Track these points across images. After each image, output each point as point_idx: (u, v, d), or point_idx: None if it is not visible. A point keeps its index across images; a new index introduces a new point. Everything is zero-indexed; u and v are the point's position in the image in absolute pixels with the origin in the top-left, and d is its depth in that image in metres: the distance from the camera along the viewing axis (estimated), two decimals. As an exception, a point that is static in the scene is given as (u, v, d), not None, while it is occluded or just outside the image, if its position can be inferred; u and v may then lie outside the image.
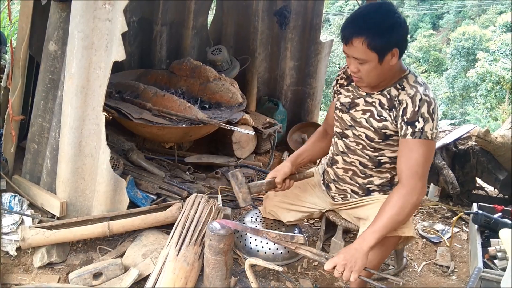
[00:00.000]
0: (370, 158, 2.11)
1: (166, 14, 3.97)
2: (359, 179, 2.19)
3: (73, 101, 2.32)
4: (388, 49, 1.85)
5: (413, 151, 1.89)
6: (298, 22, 4.29)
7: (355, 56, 1.88)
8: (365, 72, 1.91)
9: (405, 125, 1.90)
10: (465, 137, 3.49)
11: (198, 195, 2.44)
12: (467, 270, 2.60)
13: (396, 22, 1.85)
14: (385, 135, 2.02)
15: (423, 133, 1.87)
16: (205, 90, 3.57)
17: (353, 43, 1.84)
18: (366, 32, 1.81)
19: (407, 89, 1.94)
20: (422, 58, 24.53)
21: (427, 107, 1.87)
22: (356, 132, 2.10)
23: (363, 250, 1.82)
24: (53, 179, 2.50)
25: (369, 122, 2.04)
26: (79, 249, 2.38)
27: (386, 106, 1.99)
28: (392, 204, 1.88)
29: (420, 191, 1.89)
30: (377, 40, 1.82)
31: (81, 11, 2.22)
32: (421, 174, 1.90)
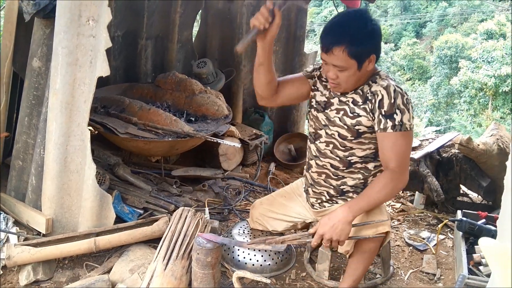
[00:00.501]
0: (340, 159, 2.14)
1: (151, 28, 3.99)
2: (333, 181, 2.22)
3: (58, 118, 2.32)
4: (367, 56, 1.91)
5: (397, 145, 1.96)
6: (282, 34, 4.34)
7: (334, 63, 1.92)
8: (343, 78, 1.96)
9: (383, 118, 1.95)
10: (448, 145, 3.54)
11: (185, 209, 2.44)
12: (453, 277, 2.63)
13: (373, 30, 1.92)
14: (358, 132, 2.06)
15: (402, 125, 1.94)
16: (191, 103, 3.58)
17: (333, 52, 1.89)
18: (346, 40, 1.86)
19: (379, 81, 2.00)
20: (406, 66, 24.83)
21: (401, 98, 1.94)
22: (329, 131, 2.13)
23: (348, 219, 1.94)
24: (39, 195, 2.48)
25: (342, 120, 2.07)
26: (66, 266, 2.37)
27: (359, 102, 2.03)
28: (383, 183, 1.98)
29: (406, 179, 2.02)
30: (357, 48, 1.87)
31: (65, 28, 2.23)
32: (406, 164, 2.02)
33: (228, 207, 3.20)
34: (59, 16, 2.23)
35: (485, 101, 18.13)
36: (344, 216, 1.94)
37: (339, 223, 1.93)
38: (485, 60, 17.96)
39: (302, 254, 2.70)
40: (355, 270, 2.15)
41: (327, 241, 1.95)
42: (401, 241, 3.04)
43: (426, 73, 23.94)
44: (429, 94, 21.11)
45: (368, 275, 2.54)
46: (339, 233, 1.92)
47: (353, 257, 2.16)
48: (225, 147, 3.66)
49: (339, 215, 1.95)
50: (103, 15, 2.21)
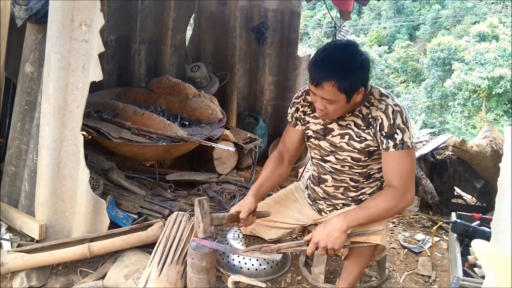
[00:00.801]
0: (360, 174, 2.16)
1: (144, 32, 3.99)
2: (351, 193, 2.22)
3: (50, 123, 2.30)
4: (356, 89, 1.90)
5: (400, 163, 1.97)
6: (276, 38, 4.35)
7: (324, 97, 1.91)
8: (331, 109, 1.95)
9: (385, 139, 1.96)
10: (442, 147, 3.55)
11: (180, 213, 2.44)
12: (449, 279, 2.63)
13: (363, 64, 1.90)
14: (369, 152, 2.06)
15: (404, 144, 1.95)
16: (185, 107, 3.57)
17: (323, 86, 1.87)
18: (336, 75, 1.84)
19: (377, 104, 2.00)
20: (400, 68, 24.97)
21: (400, 118, 1.95)
22: (340, 156, 2.12)
23: (343, 228, 1.93)
24: (32, 201, 2.47)
25: (350, 145, 2.07)
26: (60, 272, 2.35)
27: (362, 126, 2.03)
28: (385, 199, 1.97)
29: (410, 198, 2.00)
30: (347, 83, 1.86)
31: (57, 33, 2.22)
32: (411, 183, 2.01)
33: (223, 211, 3.19)
34: (52, 21, 2.22)
35: (478, 103, 18.25)
36: (339, 225, 1.93)
37: (334, 231, 1.92)
38: (478, 62, 18.09)
39: (298, 258, 2.69)
40: (350, 273, 2.15)
41: (322, 249, 1.95)
42: (396, 243, 3.04)
43: (420, 76, 24.08)
44: (423, 97, 21.23)
45: (363, 278, 2.54)
46: (333, 241, 1.92)
47: (348, 260, 2.16)
48: (219, 151, 3.66)
49: (334, 223, 1.94)
50: (96, 19, 2.20)
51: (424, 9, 29.82)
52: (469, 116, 18.53)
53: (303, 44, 23.08)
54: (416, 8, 30.39)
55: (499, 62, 17.54)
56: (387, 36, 29.40)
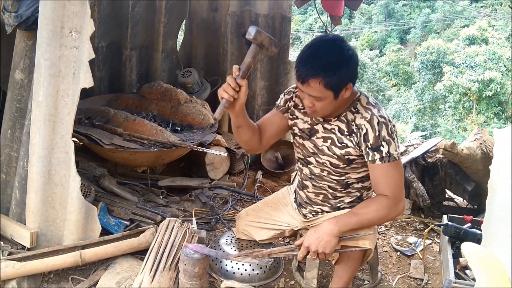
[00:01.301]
0: (337, 182, 2.15)
1: (135, 38, 3.99)
2: (331, 200, 2.22)
3: (41, 130, 2.29)
4: (343, 86, 1.88)
5: (389, 176, 1.96)
6: (267, 43, 4.35)
7: (311, 94, 1.89)
8: (320, 107, 1.93)
9: (370, 151, 1.95)
10: (433, 150, 3.58)
11: (172, 219, 2.43)
12: (441, 282, 2.64)
13: (350, 59, 1.87)
14: (349, 160, 2.05)
15: (390, 156, 1.94)
16: (177, 113, 3.57)
17: (309, 84, 1.85)
18: (323, 73, 1.82)
19: (362, 112, 1.98)
20: (391, 72, 25.12)
21: (385, 129, 1.93)
22: (320, 159, 2.12)
23: (334, 232, 1.93)
24: (23, 209, 2.45)
25: (331, 150, 2.06)
26: (51, 280, 2.33)
27: (345, 132, 2.02)
28: (377, 208, 1.97)
29: (401, 208, 2.01)
30: (333, 80, 1.83)
31: (47, 40, 2.21)
32: (401, 193, 2.01)
33: (216, 216, 3.18)
34: (41, 28, 2.21)
35: (469, 105, 18.40)
36: (330, 229, 1.93)
37: (325, 235, 1.92)
38: (468, 65, 18.25)
39: (291, 262, 2.69)
40: (340, 278, 2.16)
41: (313, 253, 1.95)
42: (388, 246, 3.05)
43: (411, 79, 24.24)
44: (414, 100, 21.35)
45: (356, 282, 2.55)
46: (324, 245, 1.91)
47: (338, 265, 2.16)
48: (211, 156, 3.65)
49: (325, 227, 1.94)
50: (86, 26, 2.20)
51: (414, 13, 30.07)
52: (460, 119, 18.67)
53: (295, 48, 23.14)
54: (406, 12, 30.64)
55: (489, 65, 17.71)
56: (378, 40, 29.59)
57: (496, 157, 2.23)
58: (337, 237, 1.94)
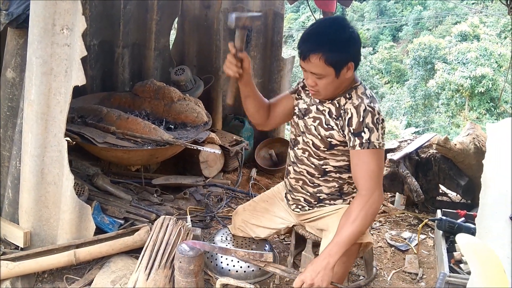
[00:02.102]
0: (315, 167, 2.15)
1: (127, 36, 3.96)
2: (309, 188, 2.23)
3: (33, 129, 2.28)
4: (344, 63, 1.90)
5: (365, 162, 1.95)
6: (260, 40, 4.35)
7: (312, 71, 1.92)
8: (322, 86, 1.95)
9: (352, 136, 1.96)
10: (426, 146, 3.59)
11: (167, 217, 2.42)
12: (435, 276, 2.66)
13: (351, 37, 1.91)
14: (330, 144, 2.07)
15: (370, 143, 1.94)
16: (170, 110, 3.56)
17: (310, 59, 1.88)
18: (323, 48, 1.85)
19: (353, 99, 2.00)
20: (384, 69, 25.16)
21: (371, 118, 1.94)
22: (305, 139, 2.14)
23: (330, 265, 1.88)
24: (16, 209, 2.43)
25: (317, 130, 2.08)
26: (45, 279, 2.32)
27: (334, 115, 2.04)
28: (354, 216, 1.93)
29: (378, 199, 1.96)
30: (334, 56, 1.86)
31: (38, 37, 2.19)
32: (377, 182, 1.97)
33: (210, 214, 3.18)
34: (33, 25, 2.20)
35: (461, 102, 18.48)
36: (325, 264, 1.88)
37: (322, 270, 1.87)
38: (461, 62, 18.33)
39: (286, 259, 2.69)
40: (336, 273, 2.15)
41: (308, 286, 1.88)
42: (383, 242, 3.06)
43: (404, 76, 24.28)
44: (406, 97, 21.41)
45: (351, 277, 2.56)
46: (320, 279, 1.87)
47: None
48: (205, 154, 3.65)
49: (322, 263, 1.89)
50: (78, 23, 2.19)
51: (406, 10, 30.12)
52: (453, 115, 18.75)
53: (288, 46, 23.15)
54: (398, 10, 30.69)
55: (481, 61, 17.79)
56: (371, 37, 29.63)
57: (489, 152, 2.25)
58: (333, 269, 1.90)
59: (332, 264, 1.88)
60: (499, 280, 1.15)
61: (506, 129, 2.36)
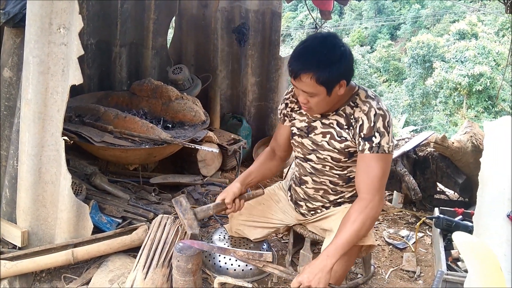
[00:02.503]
0: (339, 176, 2.14)
1: (124, 35, 3.96)
2: (331, 196, 2.21)
3: (30, 128, 2.27)
4: (336, 82, 1.88)
5: (371, 166, 1.93)
6: (257, 38, 4.35)
7: (304, 90, 1.90)
8: (314, 103, 1.94)
9: (362, 141, 1.95)
10: (424, 144, 3.59)
11: (164, 216, 2.42)
12: (433, 274, 2.66)
13: (342, 55, 1.87)
14: (349, 153, 2.05)
15: (380, 148, 1.92)
16: (168, 109, 3.56)
17: (301, 78, 1.86)
18: (314, 68, 1.83)
19: (361, 105, 1.98)
20: (382, 68, 25.18)
21: (382, 121, 1.92)
22: (320, 155, 2.12)
23: (327, 268, 1.86)
24: (13, 208, 2.43)
25: (331, 144, 2.06)
26: (43, 279, 2.32)
27: (344, 126, 2.02)
28: (353, 219, 1.91)
29: (378, 204, 1.94)
30: (325, 75, 1.84)
31: (35, 36, 2.19)
32: (379, 188, 1.95)
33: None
34: (29, 24, 2.19)
35: (459, 100, 18.50)
36: (323, 265, 1.87)
37: (319, 273, 1.86)
38: (459, 60, 18.34)
39: (284, 258, 2.69)
40: (335, 272, 2.14)
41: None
42: (381, 240, 3.06)
43: (402, 74, 24.31)
44: (404, 95, 21.43)
45: (349, 275, 2.56)
46: (317, 281, 1.85)
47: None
48: (203, 153, 3.64)
49: (319, 265, 1.88)
50: (74, 22, 2.18)
51: (404, 9, 30.14)
52: (451, 113, 18.77)
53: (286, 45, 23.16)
54: (396, 8, 30.71)
55: (479, 60, 17.81)
56: (369, 36, 29.65)
57: (487, 150, 2.25)
58: (330, 271, 1.88)
59: (329, 267, 1.87)
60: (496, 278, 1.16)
61: (503, 127, 2.37)
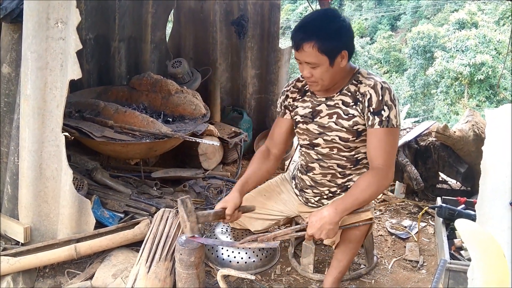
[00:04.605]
0: (347, 159, 2.17)
1: (123, 29, 3.94)
2: (339, 180, 2.23)
3: (30, 124, 2.27)
4: (338, 52, 1.93)
5: (382, 140, 1.99)
6: (256, 30, 4.33)
7: (307, 61, 1.94)
8: (318, 75, 1.97)
9: (371, 115, 1.99)
10: (425, 134, 3.58)
11: (166, 210, 2.42)
12: (436, 263, 2.66)
13: (342, 26, 1.94)
14: (358, 131, 2.08)
15: (389, 121, 1.97)
16: (168, 103, 3.55)
17: (303, 48, 1.91)
18: (315, 37, 1.88)
19: (365, 81, 2.03)
20: (383, 59, 25.06)
21: (388, 95, 1.98)
22: (328, 137, 2.13)
23: (334, 221, 1.95)
24: (15, 204, 2.43)
25: (339, 124, 2.09)
26: (46, 274, 2.32)
27: (351, 103, 2.06)
28: (368, 183, 1.99)
29: (391, 176, 2.04)
30: (327, 44, 1.89)
31: (33, 32, 2.18)
32: (392, 161, 2.04)
33: (210, 206, 3.17)
34: (27, 19, 2.18)
35: (461, 90, 18.43)
36: (331, 218, 1.94)
37: (326, 225, 1.93)
38: (459, 49, 18.25)
39: (287, 249, 2.70)
40: (340, 261, 2.15)
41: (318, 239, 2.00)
42: (383, 230, 3.06)
43: (403, 65, 24.20)
44: (406, 86, 21.36)
45: (352, 266, 2.56)
46: (326, 234, 1.94)
47: (338, 248, 2.16)
48: (204, 147, 3.64)
49: (326, 217, 1.94)
50: (72, 17, 2.17)
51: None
52: (452, 103, 18.70)
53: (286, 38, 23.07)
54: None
55: (480, 49, 17.72)
56: (369, 27, 29.50)
57: (489, 138, 2.24)
58: (338, 223, 1.97)
59: (337, 219, 1.96)
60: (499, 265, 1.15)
61: (505, 115, 2.35)
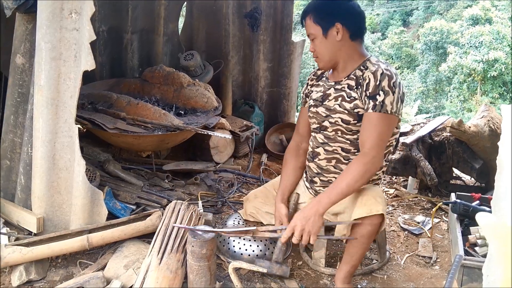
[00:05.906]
0: (351, 142, 2.17)
1: (135, 21, 3.94)
2: (343, 165, 2.22)
3: (44, 114, 2.27)
4: (331, 23, 2.07)
5: (373, 124, 2.00)
6: (269, 23, 4.30)
7: (307, 33, 2.12)
8: (317, 48, 2.11)
9: (367, 99, 2.01)
10: (439, 129, 3.54)
11: (178, 202, 2.41)
12: (449, 259, 2.63)
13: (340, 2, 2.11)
14: (358, 114, 2.09)
15: (383, 107, 1.98)
16: (180, 96, 3.54)
17: (305, 22, 2.13)
18: (312, 9, 2.10)
19: (370, 67, 2.07)
20: (394, 55, 24.87)
21: (387, 81, 1.98)
22: (332, 119, 2.16)
23: (319, 213, 1.94)
24: (28, 195, 2.44)
25: (342, 106, 2.12)
26: (59, 264, 2.33)
27: (354, 87, 2.10)
28: (351, 171, 1.98)
29: (379, 161, 2.04)
30: (320, 14, 2.08)
31: (47, 22, 2.18)
32: (380, 148, 2.03)
33: (222, 199, 3.17)
34: (41, 10, 2.18)
35: (474, 86, 18.24)
36: (315, 209, 1.95)
37: (311, 215, 1.94)
38: (473, 45, 18.04)
39: (298, 244, 2.68)
40: (352, 256, 2.13)
41: (299, 233, 1.95)
42: (396, 226, 3.04)
43: (415, 61, 24.00)
44: (417, 82, 21.18)
45: (364, 261, 2.54)
46: (311, 225, 1.92)
47: (350, 243, 2.14)
48: (216, 140, 3.63)
49: (311, 208, 1.96)
50: (86, 7, 2.16)
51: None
52: (465, 100, 18.52)
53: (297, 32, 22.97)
54: (408, -6, 30.26)
55: (494, 45, 17.49)
56: (381, 22, 29.27)
57: (505, 134, 2.20)
58: (322, 216, 1.96)
59: (321, 211, 1.95)
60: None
61: (522, 110, 2.31)
